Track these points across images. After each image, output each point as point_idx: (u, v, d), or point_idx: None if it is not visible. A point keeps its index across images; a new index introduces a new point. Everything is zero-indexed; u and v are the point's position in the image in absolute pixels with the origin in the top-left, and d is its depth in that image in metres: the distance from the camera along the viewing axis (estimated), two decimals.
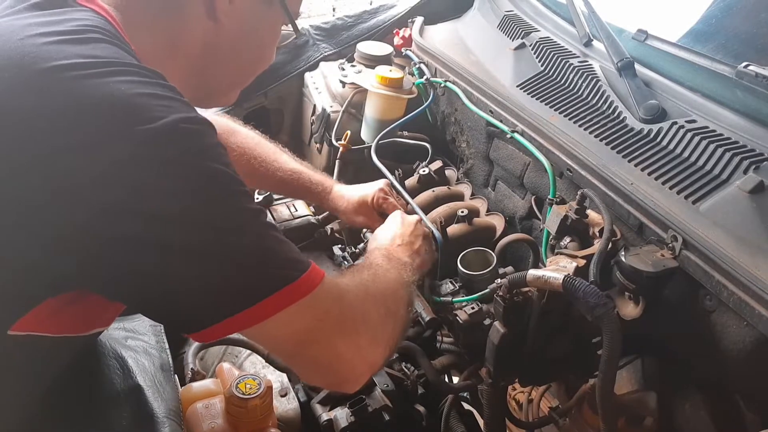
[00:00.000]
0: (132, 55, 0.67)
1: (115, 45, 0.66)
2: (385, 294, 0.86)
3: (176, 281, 0.63)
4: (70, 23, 0.65)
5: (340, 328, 0.74)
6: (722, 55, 1.15)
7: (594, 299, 0.84)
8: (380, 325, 0.81)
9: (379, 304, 0.82)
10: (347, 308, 0.76)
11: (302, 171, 1.35)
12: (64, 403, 0.82)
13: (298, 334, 0.71)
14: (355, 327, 0.76)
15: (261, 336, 0.72)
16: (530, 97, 1.35)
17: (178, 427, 0.89)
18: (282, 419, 1.07)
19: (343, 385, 0.80)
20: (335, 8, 4.98)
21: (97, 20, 0.68)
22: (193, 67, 0.81)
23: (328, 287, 0.73)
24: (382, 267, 0.95)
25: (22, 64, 0.59)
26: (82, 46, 0.63)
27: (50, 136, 0.58)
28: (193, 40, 0.79)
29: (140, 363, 0.93)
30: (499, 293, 0.93)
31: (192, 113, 0.65)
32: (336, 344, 0.74)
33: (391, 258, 1.01)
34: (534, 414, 1.30)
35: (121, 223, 0.59)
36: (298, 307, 0.68)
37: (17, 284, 0.63)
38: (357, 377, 0.78)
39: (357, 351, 0.76)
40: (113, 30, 0.69)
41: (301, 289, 0.68)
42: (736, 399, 1.01)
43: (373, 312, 0.80)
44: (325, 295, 0.72)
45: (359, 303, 0.79)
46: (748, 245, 0.92)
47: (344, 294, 0.76)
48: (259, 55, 0.90)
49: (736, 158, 1.01)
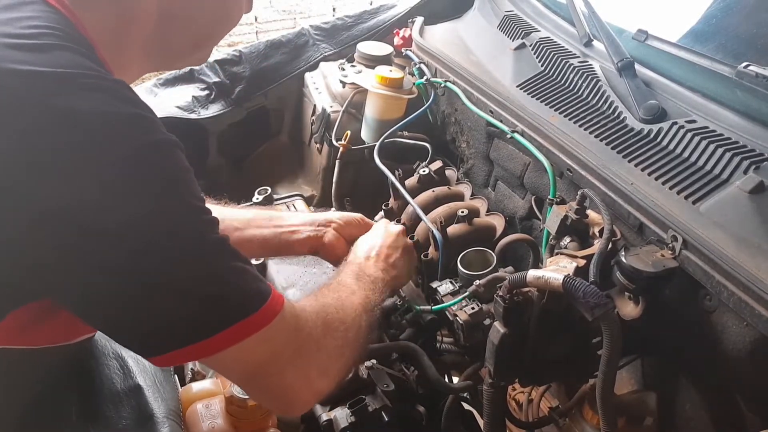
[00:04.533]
0: (90, 53, 0.64)
1: (71, 50, 0.62)
2: (345, 322, 0.85)
3: (137, 306, 0.62)
4: (22, 23, 0.62)
5: (292, 361, 0.75)
6: (722, 55, 1.15)
7: (594, 299, 0.83)
8: (334, 357, 0.82)
9: (337, 334, 0.83)
10: (303, 341, 0.76)
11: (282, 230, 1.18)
12: (63, 403, 0.82)
13: (251, 366, 0.72)
14: (308, 359, 0.77)
15: (215, 364, 0.73)
16: (530, 97, 1.35)
17: (178, 427, 0.89)
18: (282, 419, 1.07)
19: (288, 411, 0.84)
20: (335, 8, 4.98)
21: (50, 16, 0.64)
22: (152, 35, 0.77)
23: (287, 319, 0.73)
24: (349, 289, 0.94)
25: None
26: (41, 54, 0.59)
27: (5, 143, 0.56)
28: (146, 8, 0.75)
29: (140, 363, 0.93)
30: (499, 293, 0.93)
31: (157, 135, 0.63)
32: (286, 376, 0.75)
33: (360, 277, 0.99)
34: (534, 414, 1.30)
35: (88, 244, 0.58)
36: (253, 340, 0.68)
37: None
38: (303, 405, 0.80)
39: (306, 382, 0.77)
40: (67, 25, 0.65)
41: (258, 323, 0.68)
42: (736, 399, 1.01)
43: (329, 343, 0.81)
44: (281, 328, 0.71)
45: (317, 335, 0.79)
46: (748, 245, 0.92)
47: (302, 326, 0.77)
48: (222, 15, 0.84)
49: (736, 158, 1.01)
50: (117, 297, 0.62)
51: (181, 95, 1.79)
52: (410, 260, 1.16)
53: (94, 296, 0.62)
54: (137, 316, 0.63)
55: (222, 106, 1.81)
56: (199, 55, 0.87)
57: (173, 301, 0.63)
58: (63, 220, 0.57)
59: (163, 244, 0.61)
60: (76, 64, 0.61)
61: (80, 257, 0.59)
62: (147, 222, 0.60)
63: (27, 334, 0.67)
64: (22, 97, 0.56)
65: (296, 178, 2.01)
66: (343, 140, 1.65)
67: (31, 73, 0.57)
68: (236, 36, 4.58)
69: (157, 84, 1.82)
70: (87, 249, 0.58)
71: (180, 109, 1.75)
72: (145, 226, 0.60)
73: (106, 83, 0.61)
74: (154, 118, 0.64)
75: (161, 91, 1.81)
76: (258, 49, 1.87)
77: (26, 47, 0.59)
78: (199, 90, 1.81)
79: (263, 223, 1.15)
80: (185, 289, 0.63)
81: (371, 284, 0.99)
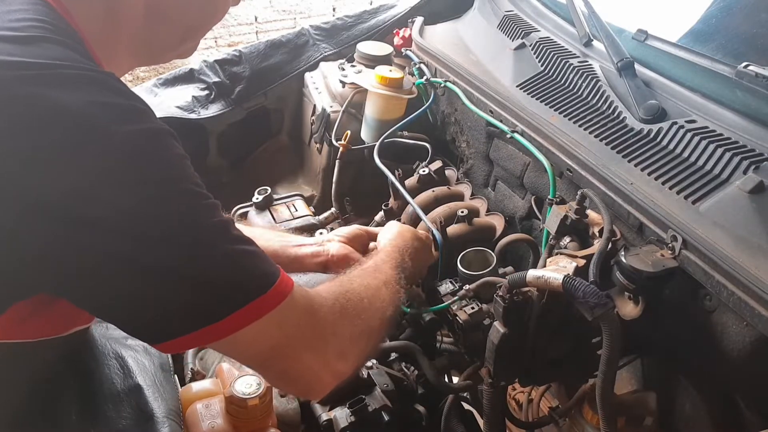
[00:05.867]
0: (80, 46, 0.64)
1: (60, 43, 0.62)
2: (363, 306, 0.85)
3: (141, 294, 0.62)
4: (10, 15, 0.61)
5: (308, 342, 0.74)
6: (722, 55, 1.15)
7: (594, 299, 0.83)
8: (352, 341, 0.81)
9: (355, 321, 0.82)
10: (318, 322, 0.76)
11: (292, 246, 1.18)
12: (63, 403, 0.82)
13: (264, 349, 0.71)
14: (324, 341, 0.76)
15: (228, 349, 0.72)
16: (530, 97, 1.35)
17: (178, 427, 0.89)
18: (282, 419, 1.07)
19: (310, 394, 0.83)
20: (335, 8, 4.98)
21: (39, 9, 0.64)
22: (139, 28, 0.77)
23: (298, 299, 0.72)
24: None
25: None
26: (30, 47, 0.59)
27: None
28: (134, 2, 0.75)
29: (140, 363, 0.93)
30: (499, 293, 0.93)
31: (149, 123, 0.63)
32: (304, 358, 0.74)
33: (378, 269, 0.99)
34: (534, 414, 1.30)
35: (84, 235, 0.58)
36: (265, 321, 0.67)
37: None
38: (323, 387, 0.79)
39: (324, 364, 0.76)
40: (56, 18, 0.65)
41: (267, 305, 0.68)
42: (736, 399, 1.01)
43: (346, 328, 0.80)
44: (292, 310, 0.71)
45: (332, 318, 0.78)
46: (748, 245, 0.92)
47: (316, 309, 0.76)
48: (210, 7, 0.83)
49: (736, 158, 1.01)
50: (120, 286, 0.61)
51: (181, 95, 1.80)
52: (424, 256, 1.16)
53: (98, 287, 0.62)
54: (141, 304, 0.63)
55: (222, 106, 1.81)
56: (186, 47, 0.87)
57: (176, 286, 0.62)
58: (57, 212, 0.57)
59: (162, 230, 0.61)
60: (65, 56, 0.60)
61: (79, 248, 0.58)
62: (144, 209, 0.60)
63: (26, 326, 0.67)
64: (11, 88, 0.56)
65: (296, 178, 2.01)
66: (343, 140, 1.65)
67: (19, 64, 0.57)
68: (236, 36, 4.58)
69: (157, 84, 1.82)
70: (85, 239, 0.58)
71: (180, 109, 1.75)
72: (143, 213, 0.60)
73: (96, 75, 0.61)
74: (146, 109, 0.64)
75: (161, 91, 1.81)
76: (258, 49, 1.87)
77: (15, 39, 0.59)
78: (199, 90, 1.81)
79: (271, 237, 1.16)
80: (188, 275, 0.63)
81: (400, 279, 0.98)
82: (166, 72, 1.88)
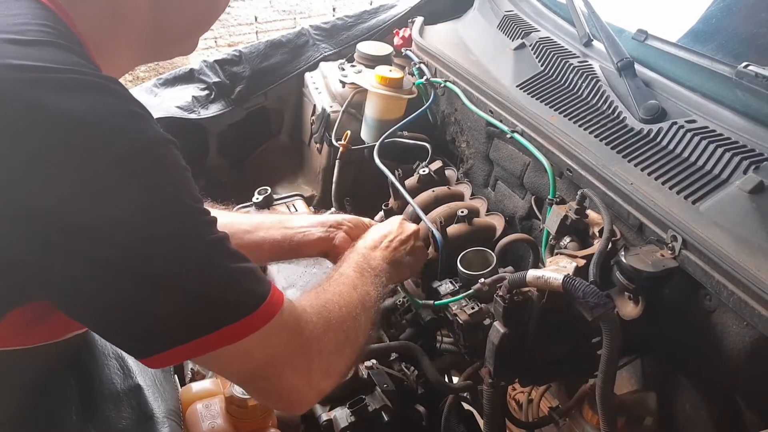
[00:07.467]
0: (80, 50, 0.63)
1: (61, 47, 0.61)
2: (346, 320, 0.85)
3: (124, 308, 0.62)
4: (9, 19, 0.60)
5: (293, 361, 0.74)
6: (722, 55, 1.15)
7: (594, 299, 0.84)
8: (335, 355, 0.81)
9: (338, 332, 0.82)
10: (304, 342, 0.75)
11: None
12: (63, 403, 0.82)
13: (249, 367, 0.71)
14: (309, 360, 0.76)
15: (212, 365, 0.72)
16: (530, 97, 1.35)
17: (178, 427, 0.89)
18: (282, 419, 1.07)
19: (290, 411, 0.84)
20: (335, 8, 4.98)
21: (39, 13, 0.63)
22: (143, 26, 0.76)
23: (286, 320, 0.72)
24: (350, 283, 0.93)
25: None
26: (30, 50, 0.58)
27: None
28: (138, 3, 0.74)
29: (140, 363, 0.93)
30: (499, 293, 0.93)
31: (150, 132, 0.62)
32: (287, 377, 0.74)
33: (364, 270, 0.98)
34: (534, 414, 1.30)
35: (77, 243, 0.57)
36: (249, 341, 0.67)
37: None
38: (306, 404, 0.80)
39: (307, 382, 0.76)
40: (56, 22, 0.64)
41: (254, 324, 0.67)
42: (736, 399, 1.01)
43: (330, 341, 0.80)
44: (279, 329, 0.70)
45: (317, 334, 0.78)
46: (748, 245, 0.92)
47: (302, 327, 0.76)
48: (212, 3, 0.83)
49: (736, 158, 1.01)
50: (108, 297, 0.61)
51: (181, 95, 1.79)
52: (417, 261, 1.15)
53: (86, 296, 0.61)
54: (129, 316, 0.62)
55: (222, 106, 1.81)
56: (187, 45, 0.87)
57: (165, 300, 0.62)
58: (51, 217, 0.56)
59: (155, 242, 0.60)
60: (67, 60, 0.60)
61: (71, 255, 0.58)
62: (138, 219, 0.59)
63: (24, 334, 0.67)
64: (10, 93, 0.55)
65: (296, 178, 2.01)
66: (343, 140, 1.65)
67: (21, 67, 0.56)
68: (236, 36, 4.58)
69: (157, 84, 1.82)
70: (77, 247, 0.57)
71: (180, 109, 1.75)
72: (136, 223, 0.59)
73: (97, 80, 0.60)
74: (147, 115, 0.63)
75: (161, 91, 1.81)
76: (258, 49, 1.87)
77: (15, 43, 0.58)
78: (199, 90, 1.81)
79: (272, 225, 1.15)
80: (178, 288, 0.62)
81: (374, 278, 0.98)
82: (166, 72, 1.88)
